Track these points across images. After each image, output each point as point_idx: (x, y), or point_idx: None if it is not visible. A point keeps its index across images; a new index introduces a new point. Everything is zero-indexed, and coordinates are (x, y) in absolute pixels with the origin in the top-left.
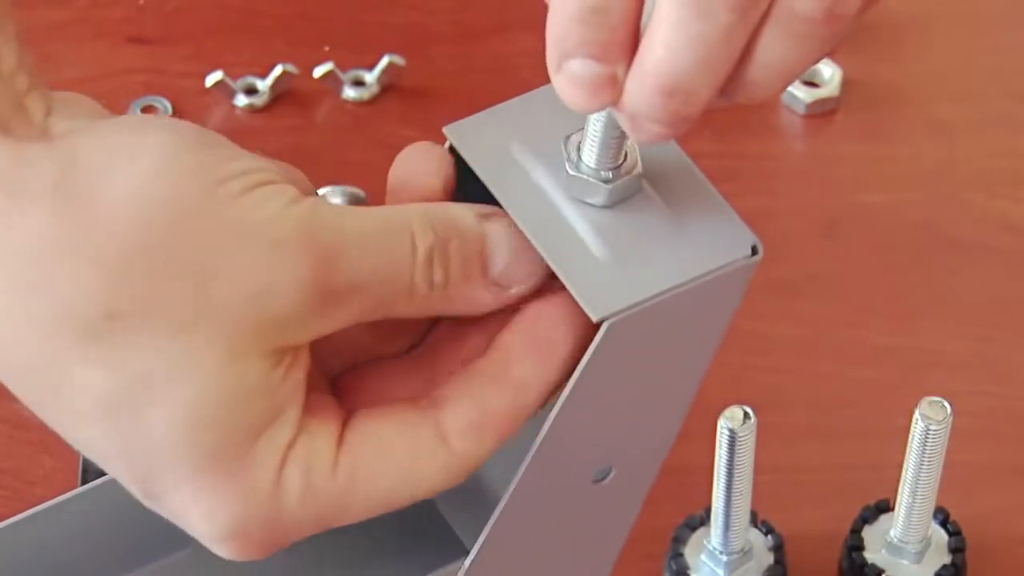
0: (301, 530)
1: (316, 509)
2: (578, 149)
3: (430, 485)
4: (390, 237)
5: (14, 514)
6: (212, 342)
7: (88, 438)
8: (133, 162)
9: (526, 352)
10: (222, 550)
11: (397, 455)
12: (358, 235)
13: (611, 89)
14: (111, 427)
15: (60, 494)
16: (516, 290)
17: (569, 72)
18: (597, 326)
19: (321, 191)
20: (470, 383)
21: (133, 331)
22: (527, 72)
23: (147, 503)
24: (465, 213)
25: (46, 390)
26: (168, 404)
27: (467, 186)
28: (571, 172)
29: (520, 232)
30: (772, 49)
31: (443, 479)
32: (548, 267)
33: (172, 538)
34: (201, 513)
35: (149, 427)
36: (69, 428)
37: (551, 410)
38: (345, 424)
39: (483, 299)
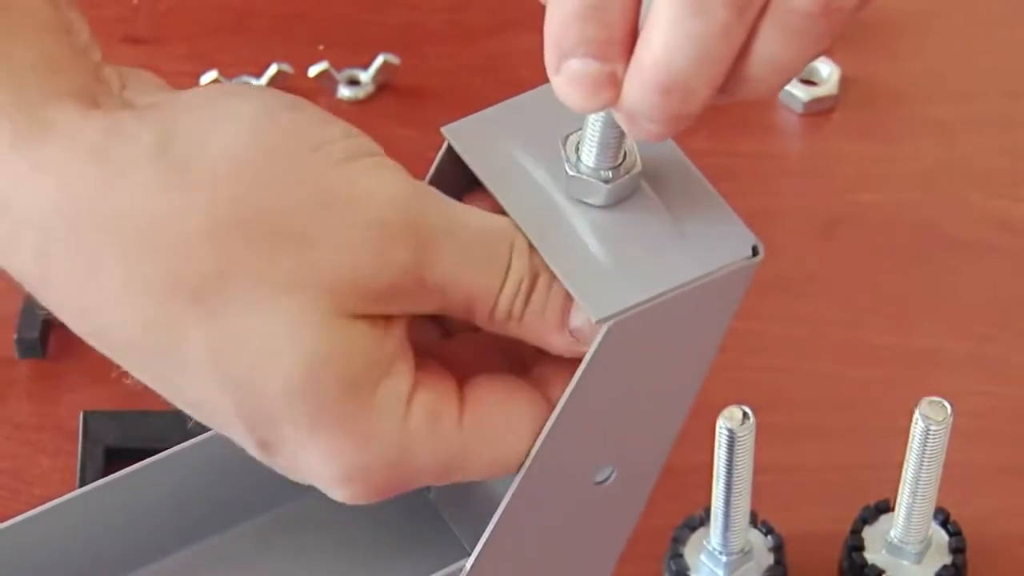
0: (423, 475)
1: (441, 456)
2: (577, 149)
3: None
4: (489, 253)
5: (13, 514)
6: (316, 302)
7: (202, 398)
8: (229, 127)
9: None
10: (341, 492)
11: (520, 423)
12: (459, 239)
13: (611, 88)
14: (227, 382)
15: (59, 494)
16: (586, 349)
17: (569, 72)
18: None
19: None
20: (568, 365)
21: (244, 290)
22: (523, 71)
23: (260, 454)
24: None
25: (159, 353)
26: (282, 357)
27: (464, 186)
28: (570, 172)
29: None
30: (770, 45)
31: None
32: None
33: (172, 539)
34: (321, 455)
35: (265, 379)
36: (183, 389)
37: (552, 411)
38: (462, 387)
39: (556, 343)
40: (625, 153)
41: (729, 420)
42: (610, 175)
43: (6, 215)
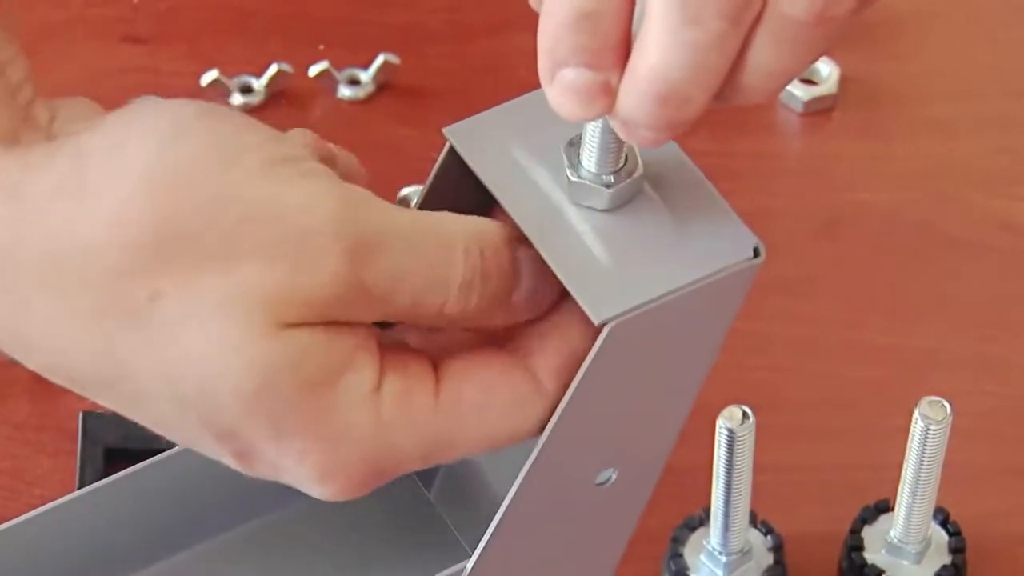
0: (406, 461)
1: (421, 439)
2: (578, 154)
3: (529, 427)
4: (438, 250)
5: (13, 515)
6: (252, 316)
7: (165, 418)
8: (140, 147)
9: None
10: (321, 491)
11: (500, 395)
12: (403, 239)
13: (605, 97)
14: (182, 402)
15: (59, 495)
16: (529, 315)
17: (562, 81)
18: None
19: None
20: (554, 326)
21: (177, 311)
22: (523, 71)
23: (239, 464)
24: (504, 236)
25: (111, 381)
26: (230, 373)
27: (466, 187)
28: (572, 177)
29: (541, 260)
30: (765, 53)
31: (538, 421)
32: (559, 291)
33: (171, 540)
34: (294, 459)
35: (218, 396)
36: (146, 411)
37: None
38: (437, 367)
39: (498, 319)
40: (626, 157)
41: (729, 420)
42: (612, 179)
43: None
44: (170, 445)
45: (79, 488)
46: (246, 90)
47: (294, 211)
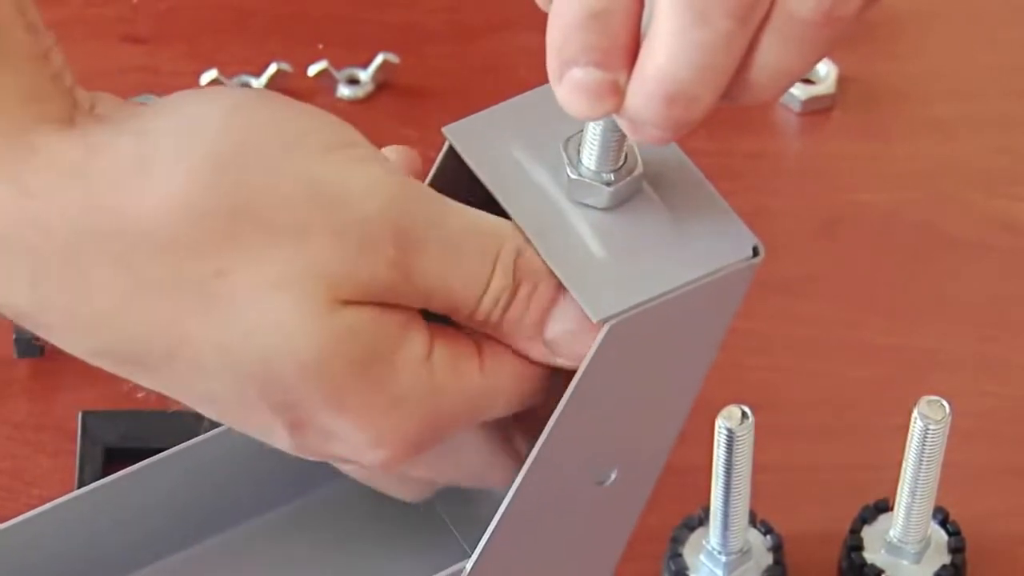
0: (453, 422)
1: (468, 399)
2: (578, 152)
3: (545, 388)
4: (472, 260)
5: (12, 514)
6: (314, 293)
7: (219, 392)
8: (204, 127)
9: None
10: (374, 455)
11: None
12: (443, 242)
13: (614, 96)
14: (241, 374)
15: (58, 494)
16: (563, 362)
17: (571, 80)
18: None
19: None
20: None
21: (242, 285)
22: (523, 70)
23: (291, 436)
24: (546, 270)
25: (167, 357)
26: (291, 347)
27: (466, 185)
28: (572, 175)
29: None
30: (772, 53)
31: (548, 384)
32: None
33: (171, 540)
34: (352, 426)
35: (281, 368)
36: (198, 387)
37: (553, 412)
38: (479, 341)
39: (532, 351)
40: (626, 155)
41: (728, 420)
42: (612, 178)
43: None
44: (168, 445)
45: (78, 488)
46: None
47: (358, 195)
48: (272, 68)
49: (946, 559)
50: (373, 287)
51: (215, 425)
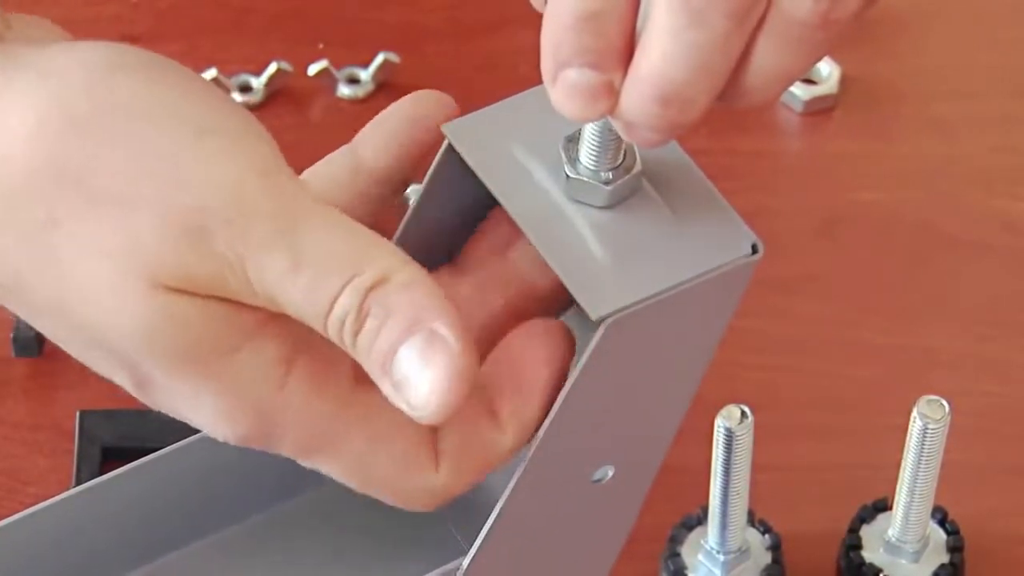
0: (304, 433)
1: (321, 420)
2: (577, 150)
3: (417, 497)
4: (320, 273)
5: (9, 513)
6: (137, 271)
7: (63, 337)
8: (72, 76)
9: (506, 389)
10: (215, 434)
11: (395, 447)
12: (288, 252)
13: (608, 97)
14: (75, 327)
15: (55, 493)
16: (408, 411)
17: (566, 81)
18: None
19: None
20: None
21: (70, 242)
22: (523, 69)
23: (138, 393)
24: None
25: (13, 293)
26: (116, 318)
27: (464, 183)
28: (570, 174)
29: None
30: (768, 55)
31: (426, 497)
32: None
33: (168, 538)
34: (188, 402)
35: (108, 332)
36: (47, 328)
37: (550, 410)
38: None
39: (384, 387)
40: (625, 153)
41: (727, 419)
42: (610, 176)
43: None
44: (165, 444)
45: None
46: (245, 89)
47: (199, 182)
48: (272, 67)
49: (945, 558)
50: (200, 280)
51: None
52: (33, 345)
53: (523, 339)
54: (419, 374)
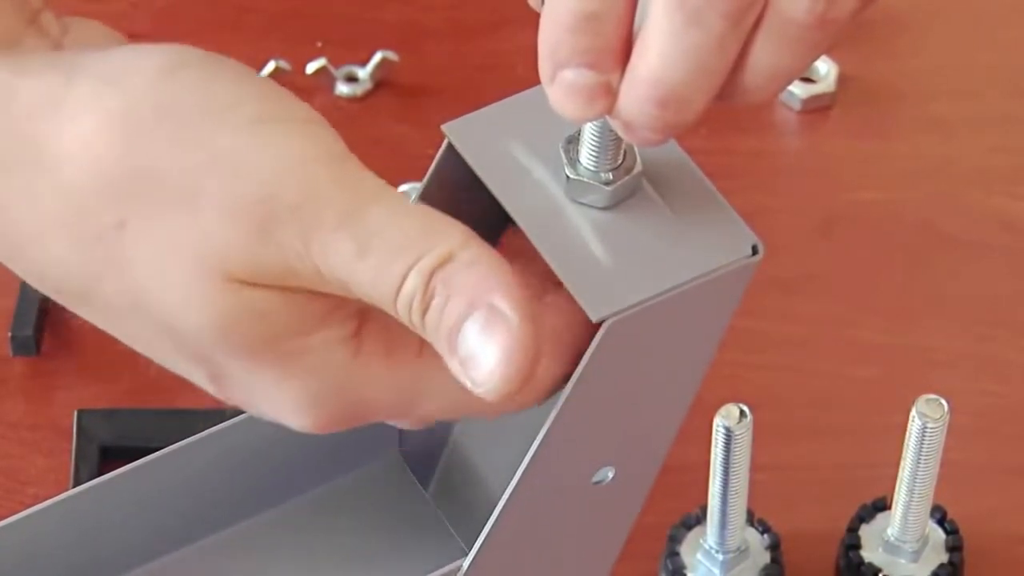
0: (382, 404)
1: (399, 386)
2: (577, 151)
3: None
4: (385, 257)
5: (7, 514)
6: (207, 268)
7: (137, 336)
8: (133, 79)
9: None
10: (298, 422)
11: None
12: (357, 235)
13: (606, 97)
14: (150, 326)
15: (53, 493)
16: (472, 387)
17: (564, 81)
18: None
19: None
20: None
21: (139, 243)
22: (522, 68)
23: (214, 388)
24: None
25: (85, 296)
26: (188, 314)
27: (465, 183)
28: (570, 175)
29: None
30: (766, 54)
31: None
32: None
33: (167, 538)
34: (271, 388)
35: (184, 328)
36: (120, 328)
37: (550, 410)
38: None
39: (451, 364)
40: (625, 153)
41: (726, 418)
42: (610, 176)
43: None
44: (163, 444)
45: (73, 487)
46: None
47: (265, 173)
48: (271, 66)
49: (944, 558)
50: (270, 270)
51: (212, 423)
52: (31, 344)
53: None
54: (482, 350)
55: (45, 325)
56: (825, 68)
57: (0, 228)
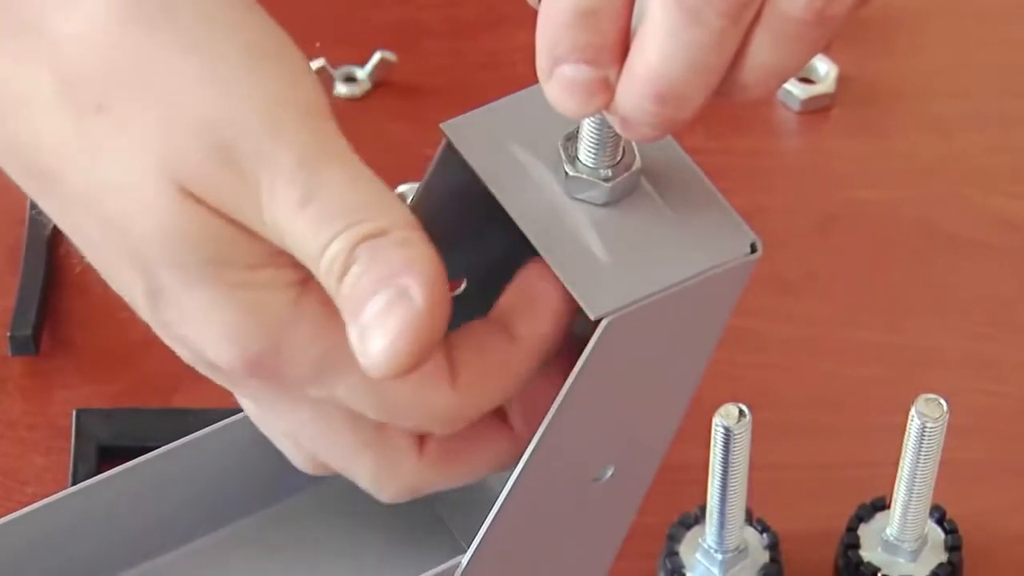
0: (305, 358)
1: (324, 344)
2: (575, 148)
3: (435, 416)
4: (325, 214)
5: (5, 512)
6: (165, 175)
7: (88, 233)
8: None
9: (519, 310)
10: (216, 355)
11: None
12: (308, 186)
13: (604, 93)
14: (102, 220)
15: (51, 492)
16: (363, 362)
17: (561, 77)
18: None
19: None
20: (472, 332)
21: (113, 131)
22: (520, 67)
23: (150, 305)
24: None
25: (44, 177)
26: (142, 214)
27: (464, 182)
28: (570, 172)
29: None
30: (764, 51)
31: (445, 416)
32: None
33: (165, 538)
34: (200, 317)
35: (132, 227)
36: (71, 220)
37: (550, 408)
38: None
39: (351, 335)
40: (624, 150)
41: (725, 418)
42: (609, 173)
43: None
44: (162, 443)
45: (72, 486)
46: None
47: (244, 100)
48: None
49: (943, 557)
50: (224, 197)
51: (210, 422)
52: (30, 343)
53: (537, 271)
54: (379, 323)
55: (44, 325)
56: (824, 68)
57: None
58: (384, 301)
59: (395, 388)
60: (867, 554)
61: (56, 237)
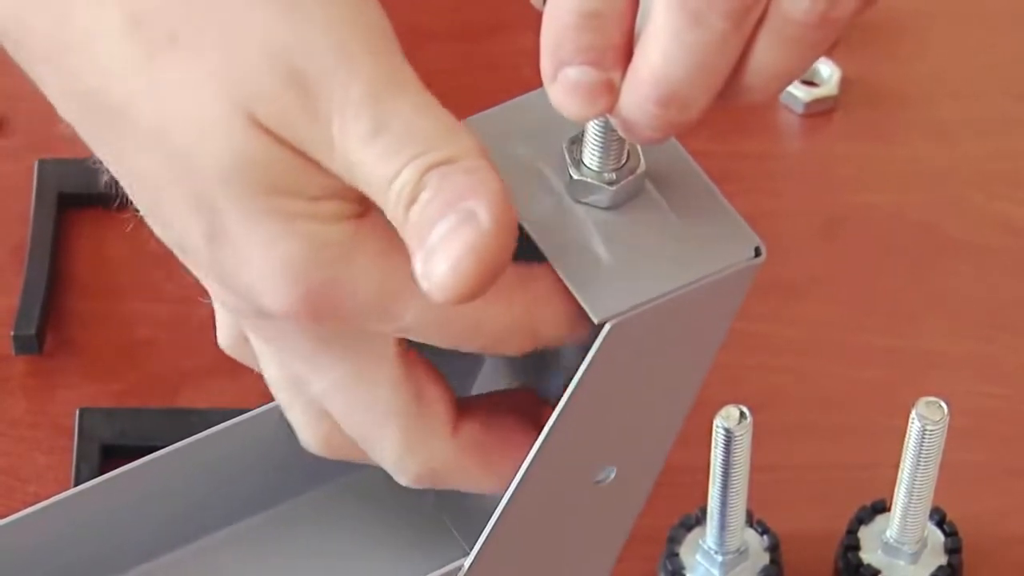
0: (361, 301)
1: (382, 287)
2: (580, 152)
3: (496, 330)
4: (395, 143)
5: (8, 512)
6: (236, 103)
7: (147, 168)
8: None
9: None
10: (276, 286)
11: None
12: (377, 118)
13: (608, 95)
14: (169, 151)
15: (54, 492)
16: (427, 288)
17: (566, 80)
18: None
19: None
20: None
21: (181, 61)
22: (525, 71)
23: (208, 247)
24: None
25: (114, 112)
26: (211, 141)
27: None
28: (574, 175)
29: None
30: (767, 54)
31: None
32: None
33: (167, 538)
34: (260, 249)
35: (200, 157)
36: (133, 156)
37: (553, 411)
38: None
39: (416, 262)
40: (628, 154)
41: (726, 419)
42: (614, 176)
43: None
44: (165, 443)
45: (74, 485)
46: None
47: (314, 30)
48: None
49: (943, 560)
50: (293, 129)
51: (214, 422)
52: (33, 343)
53: None
54: (446, 246)
55: (47, 324)
56: (828, 71)
57: (52, 28)
58: (450, 224)
59: (459, 311)
60: (867, 556)
61: (60, 236)
